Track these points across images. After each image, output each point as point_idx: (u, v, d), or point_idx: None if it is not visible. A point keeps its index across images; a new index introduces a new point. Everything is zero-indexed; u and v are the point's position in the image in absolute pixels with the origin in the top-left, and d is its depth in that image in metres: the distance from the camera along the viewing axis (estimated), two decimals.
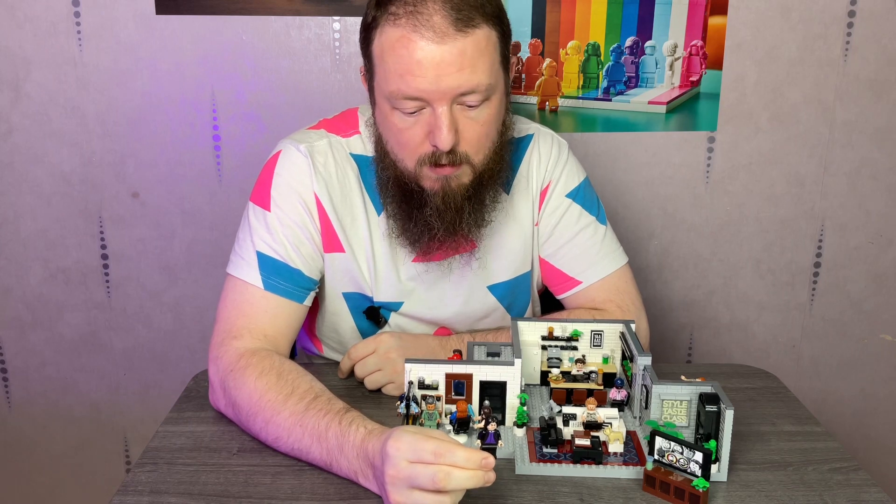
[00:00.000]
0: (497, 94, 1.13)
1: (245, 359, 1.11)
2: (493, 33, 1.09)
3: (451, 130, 1.08)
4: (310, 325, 1.36)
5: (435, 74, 1.05)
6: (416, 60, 1.05)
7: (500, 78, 1.13)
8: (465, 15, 1.05)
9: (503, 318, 1.33)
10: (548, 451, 1.02)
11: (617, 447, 1.01)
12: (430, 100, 1.07)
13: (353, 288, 1.26)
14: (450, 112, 1.08)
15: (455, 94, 1.07)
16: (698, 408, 1.00)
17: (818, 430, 1.13)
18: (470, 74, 1.06)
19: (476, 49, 1.06)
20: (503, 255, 1.29)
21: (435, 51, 1.04)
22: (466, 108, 1.10)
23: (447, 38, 1.04)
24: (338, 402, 1.04)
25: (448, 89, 1.06)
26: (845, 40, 1.80)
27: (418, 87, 1.06)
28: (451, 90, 1.06)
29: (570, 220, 1.30)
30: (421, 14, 1.04)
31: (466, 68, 1.06)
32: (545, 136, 1.32)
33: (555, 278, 1.33)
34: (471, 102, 1.09)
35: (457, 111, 1.09)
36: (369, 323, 1.29)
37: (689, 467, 0.94)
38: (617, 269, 1.31)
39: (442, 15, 1.04)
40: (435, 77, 1.05)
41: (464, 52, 1.05)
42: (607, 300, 1.30)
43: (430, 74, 1.05)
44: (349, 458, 0.96)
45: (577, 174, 1.32)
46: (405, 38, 1.05)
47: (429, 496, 0.86)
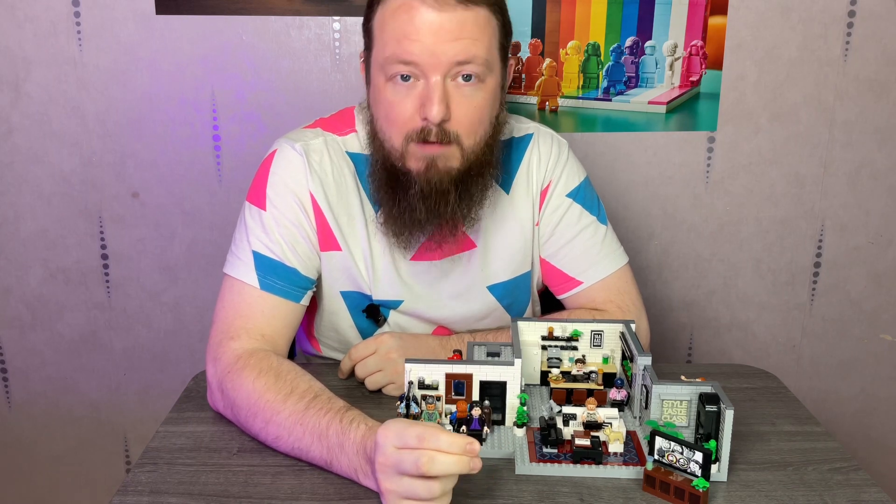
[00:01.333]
0: (492, 79, 1.13)
1: (243, 360, 1.11)
2: (493, 19, 1.10)
3: (442, 102, 1.08)
4: (308, 325, 1.35)
5: (433, 40, 1.06)
6: (415, 25, 1.06)
7: (496, 64, 1.13)
8: None
9: (503, 318, 1.33)
10: (548, 451, 1.02)
11: (617, 447, 1.01)
12: (424, 67, 1.07)
13: (351, 286, 1.26)
14: (443, 84, 1.08)
15: (450, 65, 1.07)
16: (698, 408, 1.01)
17: (818, 430, 1.13)
18: (468, 45, 1.07)
19: (475, 24, 1.07)
20: (503, 256, 1.29)
21: (434, 18, 1.05)
22: (460, 86, 1.09)
23: (448, 6, 1.05)
24: (338, 400, 1.04)
25: (444, 57, 1.06)
26: (845, 40, 1.80)
27: (414, 52, 1.06)
28: (447, 59, 1.06)
29: (570, 220, 1.30)
30: None
31: (465, 38, 1.06)
32: (545, 136, 1.32)
33: (555, 278, 1.33)
34: (466, 74, 1.09)
35: (450, 87, 1.09)
36: (369, 322, 1.29)
37: (689, 467, 0.94)
38: (617, 269, 1.31)
39: None
40: (432, 43, 1.06)
41: (463, 23, 1.06)
42: (608, 300, 1.30)
43: (427, 40, 1.06)
44: (349, 456, 0.96)
45: (577, 174, 1.32)
46: (406, 4, 1.06)
47: (417, 482, 0.86)
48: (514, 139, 1.29)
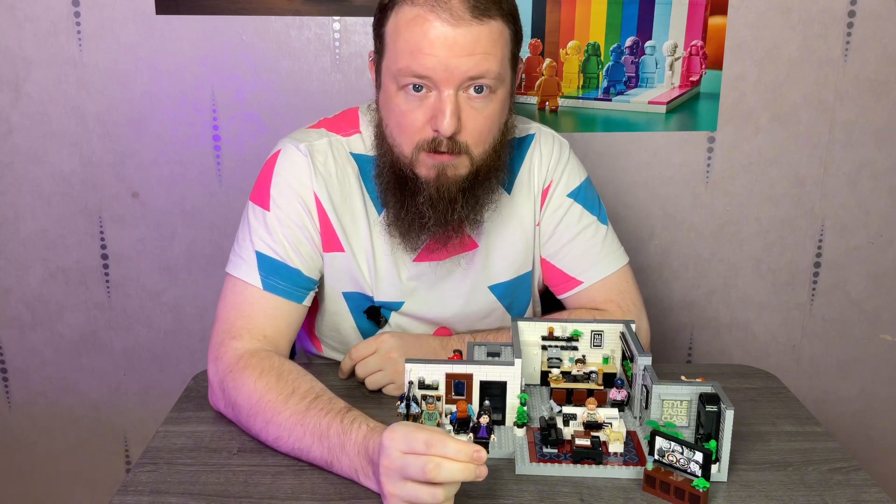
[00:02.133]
0: (503, 90, 1.13)
1: (244, 359, 1.11)
2: (506, 30, 1.10)
3: (454, 116, 1.08)
4: (310, 325, 1.35)
5: (447, 55, 1.06)
6: (429, 39, 1.05)
7: (508, 74, 1.13)
8: (484, 5, 1.06)
9: (503, 318, 1.33)
10: (548, 451, 1.02)
11: (617, 447, 1.01)
12: (437, 81, 1.08)
13: (353, 288, 1.26)
14: (455, 98, 1.08)
15: (463, 79, 1.07)
16: (698, 408, 1.00)
17: (818, 430, 1.13)
18: (481, 60, 1.07)
19: (490, 38, 1.07)
20: (505, 255, 1.29)
21: (449, 32, 1.05)
22: (472, 98, 1.10)
23: (463, 21, 1.05)
24: (339, 401, 1.04)
25: (457, 72, 1.06)
26: (845, 40, 1.80)
27: (427, 66, 1.06)
28: (460, 73, 1.07)
29: (571, 220, 1.30)
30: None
31: (478, 54, 1.06)
32: (546, 136, 1.32)
33: (556, 278, 1.33)
34: (478, 89, 1.09)
35: (462, 99, 1.09)
36: (370, 323, 1.29)
37: (690, 467, 0.94)
38: (618, 269, 1.31)
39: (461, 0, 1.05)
40: (446, 57, 1.06)
41: (478, 38, 1.06)
42: (608, 300, 1.30)
43: (441, 54, 1.06)
44: (350, 456, 0.96)
45: (578, 174, 1.32)
46: (421, 16, 1.06)
47: (422, 488, 0.86)
48: (515, 139, 1.29)
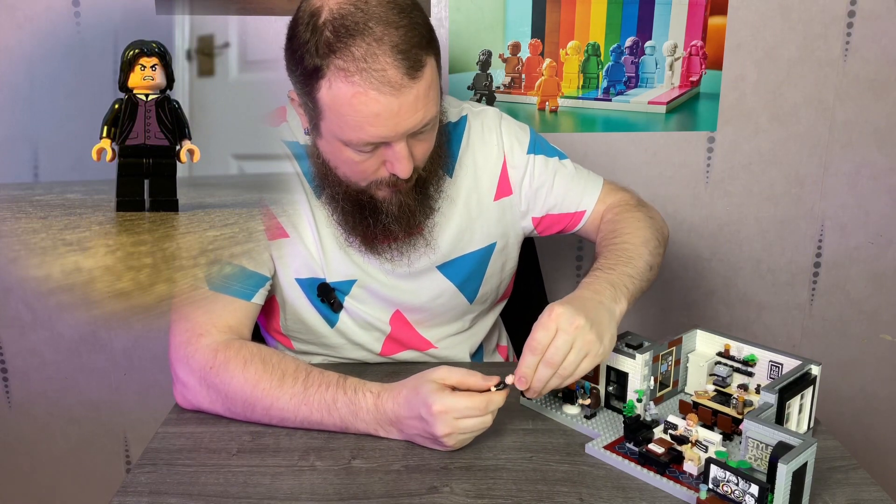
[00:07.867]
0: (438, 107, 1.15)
1: (221, 353, 1.13)
2: (433, 60, 1.09)
3: (409, 160, 1.11)
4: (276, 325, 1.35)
5: (394, 122, 1.06)
6: (374, 113, 1.05)
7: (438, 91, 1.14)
8: (413, 57, 1.04)
9: (457, 297, 1.34)
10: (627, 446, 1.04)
11: (690, 468, 0.98)
12: (388, 140, 1.09)
13: (305, 273, 1.26)
14: (406, 145, 1.10)
15: (412, 131, 1.09)
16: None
17: (818, 430, 1.13)
18: (424, 112, 1.08)
19: (426, 87, 1.07)
20: (449, 236, 1.30)
21: (393, 102, 1.05)
22: (417, 134, 1.12)
23: (403, 87, 1.04)
24: (329, 372, 1.10)
25: (406, 128, 1.08)
26: (845, 40, 1.80)
27: (378, 135, 1.07)
28: (408, 128, 1.08)
29: (541, 169, 1.34)
30: (375, 71, 1.03)
31: (421, 109, 1.08)
32: (477, 115, 1.34)
33: (563, 220, 1.38)
34: (423, 131, 1.12)
35: (410, 141, 1.11)
36: (324, 305, 1.29)
37: (745, 500, 0.89)
38: (602, 185, 1.39)
39: (395, 67, 1.03)
40: (394, 124, 1.07)
41: (417, 95, 1.06)
42: (614, 206, 1.37)
43: (389, 123, 1.06)
44: (366, 421, 1.07)
45: (522, 132, 1.35)
46: (362, 94, 1.04)
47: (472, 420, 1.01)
48: (450, 124, 1.30)
